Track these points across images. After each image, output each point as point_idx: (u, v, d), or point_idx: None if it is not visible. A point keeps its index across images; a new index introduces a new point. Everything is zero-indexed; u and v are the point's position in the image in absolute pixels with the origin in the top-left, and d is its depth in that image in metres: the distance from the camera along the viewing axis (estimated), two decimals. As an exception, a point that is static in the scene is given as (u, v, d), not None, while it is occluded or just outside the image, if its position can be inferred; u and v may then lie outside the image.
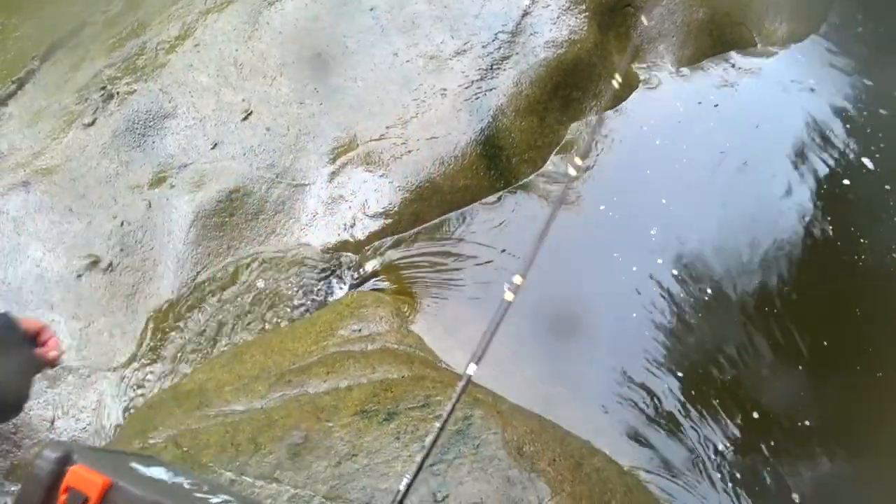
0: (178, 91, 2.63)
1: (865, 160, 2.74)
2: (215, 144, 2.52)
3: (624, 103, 2.75)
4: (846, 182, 2.65)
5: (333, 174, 2.43)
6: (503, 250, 2.30)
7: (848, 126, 2.92)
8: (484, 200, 2.41)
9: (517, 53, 2.65)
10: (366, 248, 2.30)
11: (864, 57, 3.36)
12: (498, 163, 2.42)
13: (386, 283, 2.25)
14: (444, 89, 2.55)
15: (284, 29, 2.71)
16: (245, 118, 2.57)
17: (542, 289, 2.01)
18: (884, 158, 2.73)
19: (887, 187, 2.64)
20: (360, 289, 2.24)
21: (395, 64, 2.62)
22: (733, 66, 3.12)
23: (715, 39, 3.22)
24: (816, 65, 3.33)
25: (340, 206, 2.37)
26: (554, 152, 2.58)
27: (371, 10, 2.76)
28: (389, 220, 2.32)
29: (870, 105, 3.05)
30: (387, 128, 2.48)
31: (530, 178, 2.48)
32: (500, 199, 2.43)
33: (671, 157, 2.64)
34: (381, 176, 2.38)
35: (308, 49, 2.67)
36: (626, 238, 2.40)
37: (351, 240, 2.32)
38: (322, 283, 2.28)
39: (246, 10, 2.80)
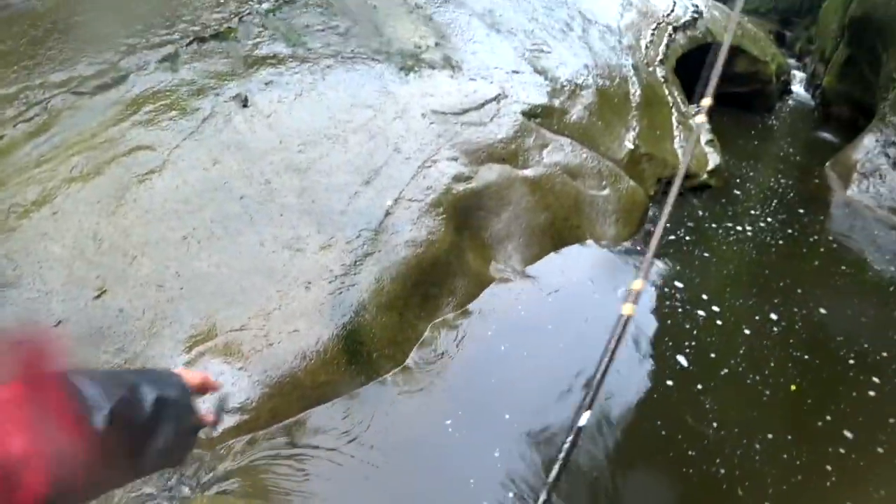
0: (26, 259, 2.93)
1: (679, 357, 3.82)
2: (59, 322, 2.84)
3: (476, 301, 3.62)
4: (669, 383, 3.65)
5: (188, 364, 2.82)
6: (365, 445, 2.83)
7: (667, 322, 4.05)
8: (344, 396, 2.92)
9: (379, 251, 3.39)
10: (219, 446, 2.69)
11: (679, 257, 4.74)
12: (360, 358, 2.98)
13: (239, 485, 2.64)
14: (309, 282, 3.16)
15: (152, 207, 3.17)
16: (98, 296, 2.94)
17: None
18: (695, 357, 3.83)
19: (699, 386, 3.70)
20: (210, 492, 2.60)
21: (261, 254, 3.21)
22: (569, 264, 4.24)
23: (555, 240, 4.33)
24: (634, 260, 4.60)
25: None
26: (415, 348, 3.26)
27: (241, 198, 3.37)
28: (246, 417, 2.70)
29: (684, 303, 4.27)
30: (249, 318, 2.95)
31: (391, 373, 3.11)
32: (358, 394, 2.97)
33: (514, 363, 3.43)
34: (239, 368, 2.81)
35: (174, 231, 3.15)
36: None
37: (203, 437, 2.69)
38: (169, 481, 2.60)
39: (114, 183, 3.22)
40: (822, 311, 4.24)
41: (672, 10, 9.34)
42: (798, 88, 14.26)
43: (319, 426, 2.80)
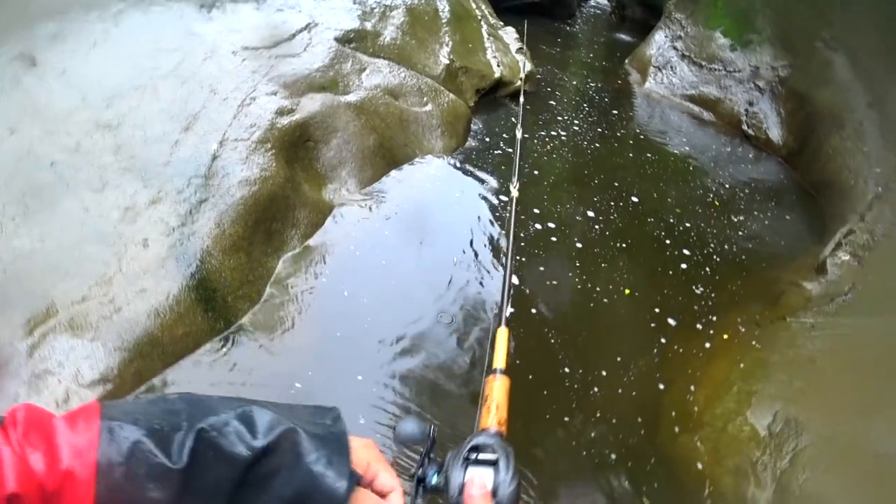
0: None
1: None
2: None
3: (321, 230, 3.74)
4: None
5: (33, 347, 2.72)
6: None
7: (490, 206, 4.43)
8: (206, 345, 2.94)
9: (213, 196, 3.36)
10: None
11: (499, 151, 5.13)
12: (214, 304, 3.01)
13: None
14: (146, 239, 3.08)
15: None
16: None
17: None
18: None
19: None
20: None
21: (88, 220, 3.06)
22: (404, 180, 4.45)
23: (387, 159, 4.49)
24: (465, 167, 4.92)
25: (48, 382, 2.52)
26: (269, 284, 3.35)
27: (52, 164, 3.14)
28: (110, 385, 2.65)
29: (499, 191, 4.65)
30: (89, 288, 2.83)
31: (249, 312, 3.17)
32: (220, 341, 3.01)
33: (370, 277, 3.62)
34: (91, 340, 2.73)
35: None
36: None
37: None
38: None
39: None
40: (634, 199, 4.81)
41: (468, -79, 9.46)
42: (595, -5, 15.16)
43: (185, 380, 2.82)
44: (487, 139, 5.42)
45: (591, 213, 4.50)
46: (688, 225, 4.54)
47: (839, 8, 6.15)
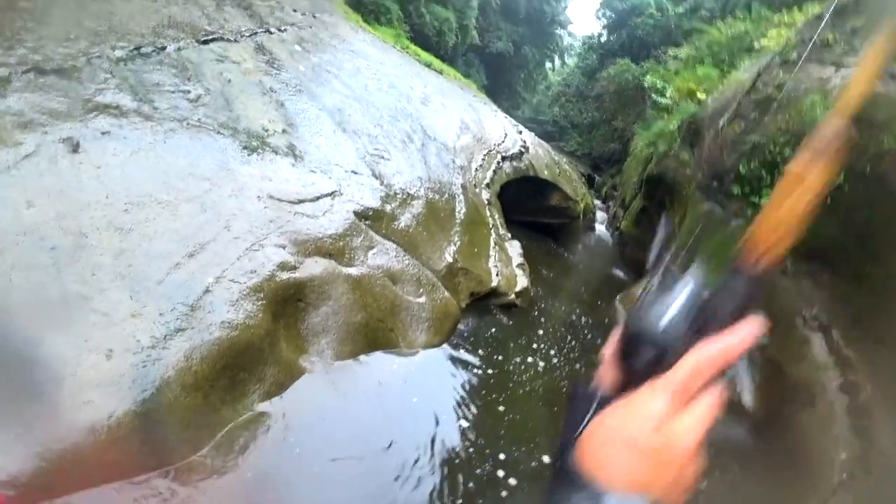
0: None
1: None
2: None
3: (284, 393, 3.76)
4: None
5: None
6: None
7: (455, 416, 4.46)
8: (133, 479, 2.86)
9: (193, 328, 3.43)
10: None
11: (477, 359, 5.27)
12: (154, 440, 2.96)
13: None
14: (111, 350, 3.12)
15: None
16: None
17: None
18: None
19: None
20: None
21: (61, 312, 3.07)
22: (378, 367, 4.54)
23: (369, 339, 4.63)
24: (442, 371, 5.04)
25: None
26: (217, 434, 3.27)
27: (52, 248, 3.26)
28: (12, 492, 2.55)
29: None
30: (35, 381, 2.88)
31: (186, 459, 3.09)
32: (148, 480, 2.93)
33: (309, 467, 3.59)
34: (17, 435, 2.67)
35: None
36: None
37: None
38: None
39: None
40: None
41: (503, 141, 10.57)
42: (601, 227, 16.48)
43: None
44: (469, 346, 5.61)
45: (546, 460, 4.48)
46: None
47: (817, 289, 6.70)
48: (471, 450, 4.18)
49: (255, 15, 7.37)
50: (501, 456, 4.25)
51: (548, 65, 41.34)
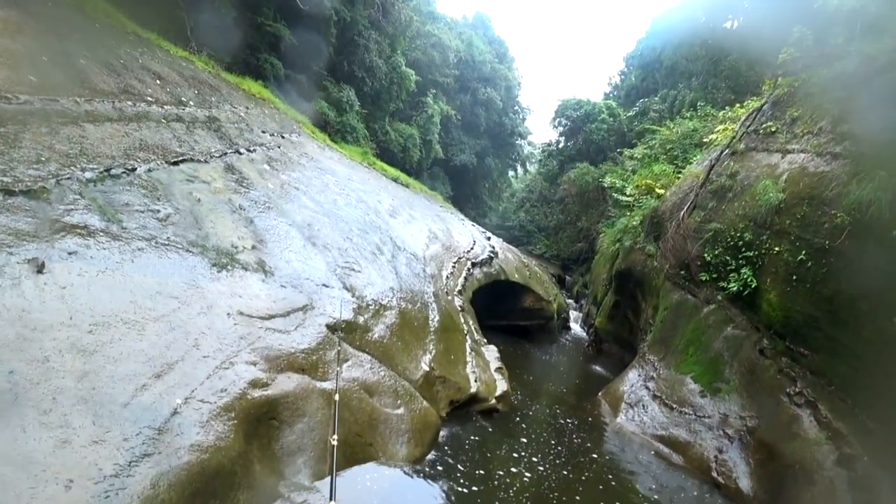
0: None
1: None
2: None
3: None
4: None
5: None
6: None
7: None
8: None
9: (160, 452, 3.25)
10: None
11: (459, 470, 5.05)
12: (117, 579, 2.79)
13: None
14: (70, 480, 2.90)
15: None
16: None
17: None
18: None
19: None
20: None
21: (19, 441, 2.90)
22: (358, 483, 4.35)
23: (347, 456, 4.45)
24: (425, 483, 4.84)
25: None
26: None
27: (10, 372, 3.10)
28: None
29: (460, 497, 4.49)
30: None
31: None
32: None
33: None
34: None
35: None
36: None
37: None
38: None
39: None
40: None
41: (472, 248, 10.74)
42: (575, 326, 16.54)
43: None
44: (451, 458, 5.43)
45: None
46: None
47: (797, 365, 6.68)
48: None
49: (225, 136, 7.57)
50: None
51: (510, 173, 42.78)
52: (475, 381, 6.67)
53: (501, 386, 7.21)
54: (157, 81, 7.34)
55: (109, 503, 2.94)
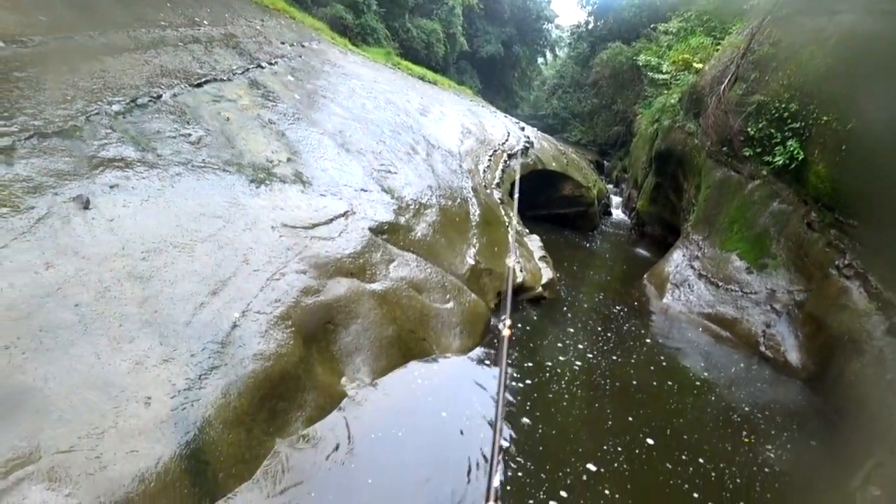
0: None
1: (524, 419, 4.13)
2: None
3: (326, 416, 3.72)
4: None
5: (2, 493, 2.62)
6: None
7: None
8: (188, 519, 2.86)
9: (226, 364, 3.41)
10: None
11: (512, 358, 5.19)
12: (204, 479, 2.92)
13: None
14: (149, 398, 3.09)
15: None
16: None
17: None
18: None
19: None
20: None
21: (96, 367, 3.09)
22: (416, 377, 4.49)
23: (403, 351, 4.59)
24: (479, 372, 4.98)
25: None
26: (262, 466, 3.22)
27: (76, 305, 3.26)
28: None
29: (516, 382, 4.65)
30: (79, 438, 2.78)
31: (237, 492, 3.04)
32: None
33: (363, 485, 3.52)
34: (66, 496, 2.63)
35: None
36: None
37: None
38: None
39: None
40: (650, 440, 4.67)
41: (507, 140, 10.52)
42: (616, 211, 16.34)
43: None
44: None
45: (592, 467, 4.24)
46: (701, 462, 4.44)
47: (847, 237, 6.55)
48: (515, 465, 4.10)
49: (245, 52, 7.42)
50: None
51: (540, 60, 41.23)
52: (521, 270, 6.69)
53: (546, 274, 7.23)
54: (168, 4, 7.15)
55: (186, 414, 3.09)
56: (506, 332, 2.64)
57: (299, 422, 3.57)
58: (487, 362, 5.12)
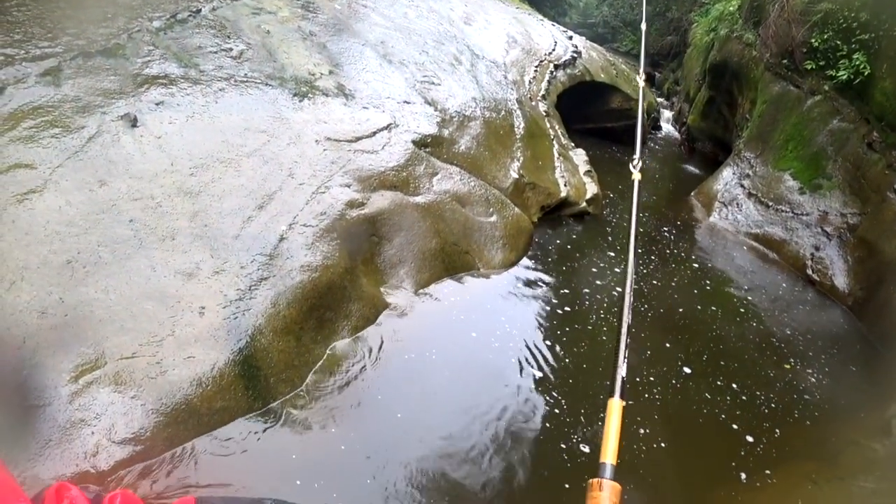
0: None
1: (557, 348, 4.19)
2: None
3: (371, 326, 3.81)
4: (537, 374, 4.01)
5: (75, 394, 2.78)
6: (258, 473, 2.91)
7: (542, 327, 4.43)
8: (242, 420, 2.98)
9: (274, 275, 3.49)
10: (111, 477, 2.67)
11: (554, 275, 5.18)
12: (256, 383, 3.06)
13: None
14: (203, 307, 3.20)
15: (32, 230, 3.04)
16: (-32, 327, 2.82)
17: None
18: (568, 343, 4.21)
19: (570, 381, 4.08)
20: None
21: (152, 279, 3.20)
22: (460, 289, 4.53)
23: (446, 264, 4.61)
24: (522, 285, 4.99)
25: (81, 432, 2.57)
26: (311, 372, 3.36)
27: (130, 221, 3.35)
28: (140, 447, 2.66)
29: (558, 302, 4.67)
30: (140, 345, 2.94)
31: (288, 397, 3.19)
32: (256, 415, 3.06)
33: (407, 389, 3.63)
34: (131, 397, 2.80)
35: (57, 254, 3.04)
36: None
37: (92, 470, 2.53)
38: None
39: (-11, 203, 3.14)
40: (686, 370, 4.54)
41: (553, 49, 10.08)
42: (666, 125, 15.73)
43: (215, 452, 2.85)
44: (548, 258, 5.51)
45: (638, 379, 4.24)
46: (738, 389, 4.38)
47: None
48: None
49: (283, -38, 7.19)
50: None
51: (590, -37, 38.98)
52: (564, 185, 6.56)
53: (591, 189, 7.06)
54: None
55: (239, 323, 3.20)
56: (636, 176, 2.60)
57: (346, 330, 3.66)
58: (530, 276, 5.10)
